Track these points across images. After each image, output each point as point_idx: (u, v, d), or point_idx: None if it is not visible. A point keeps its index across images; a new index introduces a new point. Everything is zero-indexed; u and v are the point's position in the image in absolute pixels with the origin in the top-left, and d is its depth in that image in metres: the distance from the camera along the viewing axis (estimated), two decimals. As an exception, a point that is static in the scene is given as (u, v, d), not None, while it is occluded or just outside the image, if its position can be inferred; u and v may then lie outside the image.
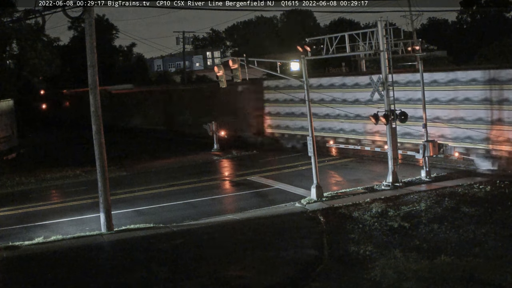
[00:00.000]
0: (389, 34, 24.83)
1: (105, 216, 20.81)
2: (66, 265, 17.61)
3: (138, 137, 50.58)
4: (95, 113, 20.85)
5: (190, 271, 16.33)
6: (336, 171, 29.41)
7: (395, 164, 24.56)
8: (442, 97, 27.92)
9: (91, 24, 20.61)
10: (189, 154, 37.84)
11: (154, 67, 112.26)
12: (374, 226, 19.10)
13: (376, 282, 14.55)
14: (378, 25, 24.41)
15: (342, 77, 34.19)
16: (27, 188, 30.69)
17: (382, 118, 24.11)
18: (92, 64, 20.73)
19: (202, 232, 19.88)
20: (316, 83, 34.08)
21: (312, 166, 23.67)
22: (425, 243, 17.11)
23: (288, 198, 24.08)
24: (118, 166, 34.17)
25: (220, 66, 26.92)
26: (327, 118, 34.11)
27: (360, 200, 22.41)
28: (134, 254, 18.21)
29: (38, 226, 22.52)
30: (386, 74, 24.34)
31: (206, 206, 24.18)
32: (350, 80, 33.18)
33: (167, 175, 31.43)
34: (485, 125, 26.06)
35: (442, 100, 27.98)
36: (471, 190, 22.38)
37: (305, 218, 21.02)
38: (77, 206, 25.52)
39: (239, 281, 15.45)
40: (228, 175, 31.65)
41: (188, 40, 73.11)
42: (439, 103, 28.04)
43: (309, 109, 23.84)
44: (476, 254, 15.84)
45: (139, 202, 25.52)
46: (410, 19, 49.30)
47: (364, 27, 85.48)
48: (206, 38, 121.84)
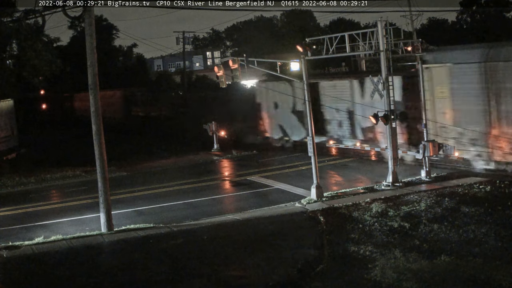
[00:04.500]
0: (389, 34, 24.84)
1: (105, 216, 20.81)
2: (66, 265, 17.61)
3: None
4: (95, 113, 20.85)
5: (190, 271, 16.34)
6: (336, 171, 29.42)
7: (395, 164, 24.56)
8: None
9: (91, 24, 20.61)
10: (189, 154, 37.85)
11: (154, 67, 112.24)
12: (374, 226, 19.11)
13: (376, 282, 14.56)
14: (378, 25, 24.41)
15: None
16: (27, 188, 30.69)
17: (382, 118, 24.11)
18: (92, 64, 20.72)
19: (202, 232, 19.88)
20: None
21: (312, 166, 23.68)
22: (425, 243, 17.12)
23: (288, 198, 24.08)
24: (118, 166, 34.18)
25: (220, 66, 26.96)
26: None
27: (360, 200, 22.42)
28: (134, 254, 18.21)
29: (38, 226, 22.52)
30: (386, 74, 24.34)
31: (206, 206, 24.19)
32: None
33: (167, 175, 31.43)
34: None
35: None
36: (471, 190, 22.38)
37: (305, 218, 21.02)
38: (77, 206, 25.53)
39: (239, 281, 15.46)
40: (228, 175, 31.67)
41: (188, 40, 72.98)
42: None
43: (309, 109, 23.84)
44: (476, 254, 15.84)
45: (139, 202, 25.52)
46: (410, 19, 49.31)
47: (364, 27, 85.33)
48: (206, 38, 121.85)
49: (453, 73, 26.42)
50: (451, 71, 26.50)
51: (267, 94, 38.82)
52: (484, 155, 25.48)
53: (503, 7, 67.74)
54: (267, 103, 39.21)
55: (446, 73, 26.74)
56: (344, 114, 32.53)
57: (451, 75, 26.57)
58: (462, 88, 26.10)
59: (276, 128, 38.38)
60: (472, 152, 25.88)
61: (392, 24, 27.72)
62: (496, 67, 24.71)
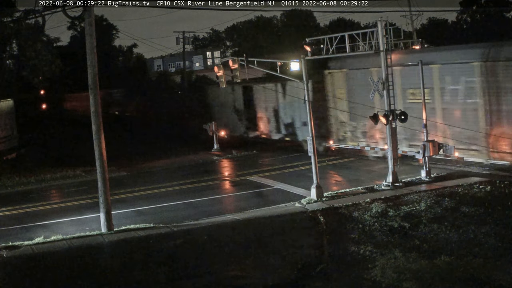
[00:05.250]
0: (389, 34, 24.83)
1: (105, 216, 20.81)
2: (66, 265, 17.61)
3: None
4: (95, 113, 20.85)
5: (190, 271, 16.34)
6: (336, 171, 29.42)
7: (395, 164, 24.56)
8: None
9: (91, 24, 20.61)
10: (189, 154, 37.85)
11: (154, 67, 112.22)
12: (374, 226, 19.10)
13: (376, 282, 14.55)
14: (378, 25, 24.41)
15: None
16: (27, 188, 30.69)
17: (382, 118, 24.10)
18: (92, 64, 20.72)
19: (202, 232, 19.88)
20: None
21: (312, 166, 23.67)
22: (425, 243, 17.11)
23: (288, 198, 24.07)
24: (118, 166, 34.18)
25: (220, 66, 26.96)
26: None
27: (360, 200, 22.41)
28: (134, 254, 18.22)
29: (38, 226, 22.52)
30: (386, 74, 24.34)
31: (206, 206, 24.18)
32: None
33: (167, 175, 31.44)
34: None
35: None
36: (471, 190, 22.38)
37: (305, 218, 21.01)
38: (77, 206, 25.53)
39: (239, 281, 15.46)
40: (228, 175, 31.67)
41: (188, 40, 72.94)
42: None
43: (309, 109, 23.84)
44: (476, 254, 15.84)
45: (139, 202, 25.52)
46: (410, 19, 49.34)
47: (364, 27, 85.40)
48: (206, 38, 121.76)
49: (351, 78, 31.50)
50: (347, 75, 31.64)
51: (214, 95, 45.19)
52: (369, 145, 30.82)
53: (503, 7, 67.71)
54: (215, 103, 45.30)
55: (343, 77, 32.05)
56: (271, 113, 38.37)
57: (347, 78, 31.72)
58: (355, 89, 31.12)
59: (221, 125, 41.70)
60: (362, 142, 31.34)
61: (392, 24, 27.76)
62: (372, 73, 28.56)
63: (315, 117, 30.78)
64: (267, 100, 38.61)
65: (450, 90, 27.11)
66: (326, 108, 33.11)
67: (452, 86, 26.94)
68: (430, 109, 26.75)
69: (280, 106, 37.34)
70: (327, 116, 33.37)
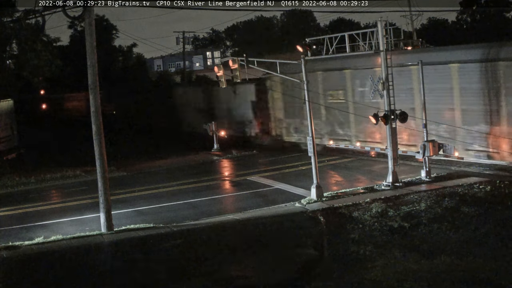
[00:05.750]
0: (389, 34, 24.82)
1: (105, 216, 20.80)
2: (66, 265, 17.62)
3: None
4: (95, 113, 20.84)
5: (190, 271, 16.34)
6: (336, 171, 29.42)
7: (395, 164, 24.56)
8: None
9: (91, 24, 20.60)
10: (189, 154, 37.85)
11: (154, 67, 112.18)
12: (374, 226, 19.11)
13: (376, 282, 14.55)
14: (378, 25, 24.40)
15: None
16: (27, 188, 30.68)
17: (382, 118, 24.10)
18: (92, 64, 20.72)
19: (202, 232, 19.88)
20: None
21: (312, 166, 23.67)
22: (425, 243, 17.12)
23: (288, 198, 24.07)
24: (118, 166, 34.18)
25: (220, 66, 26.94)
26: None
27: (360, 200, 22.41)
28: (134, 254, 18.22)
29: (38, 226, 22.52)
30: (386, 74, 24.34)
31: (206, 206, 24.18)
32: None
33: (167, 175, 31.44)
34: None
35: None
36: (471, 190, 22.38)
37: (305, 218, 21.02)
38: (77, 206, 25.53)
39: (239, 281, 15.46)
40: (228, 175, 31.67)
41: (188, 40, 72.99)
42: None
43: (309, 109, 23.85)
44: (476, 254, 15.84)
45: (139, 202, 25.52)
46: (410, 19, 49.30)
47: (364, 27, 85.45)
48: (206, 38, 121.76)
49: (283, 82, 35.20)
50: (282, 80, 34.87)
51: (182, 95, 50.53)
52: (304, 139, 31.83)
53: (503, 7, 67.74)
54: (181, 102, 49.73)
55: (279, 82, 36.27)
56: (243, 111, 41.27)
57: (281, 83, 35.80)
58: (287, 93, 34.84)
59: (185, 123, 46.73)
60: (295, 136, 35.92)
61: (392, 24, 27.83)
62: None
63: (260, 116, 38.82)
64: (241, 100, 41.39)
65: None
66: (267, 107, 38.34)
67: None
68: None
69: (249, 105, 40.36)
70: (268, 115, 38.59)
